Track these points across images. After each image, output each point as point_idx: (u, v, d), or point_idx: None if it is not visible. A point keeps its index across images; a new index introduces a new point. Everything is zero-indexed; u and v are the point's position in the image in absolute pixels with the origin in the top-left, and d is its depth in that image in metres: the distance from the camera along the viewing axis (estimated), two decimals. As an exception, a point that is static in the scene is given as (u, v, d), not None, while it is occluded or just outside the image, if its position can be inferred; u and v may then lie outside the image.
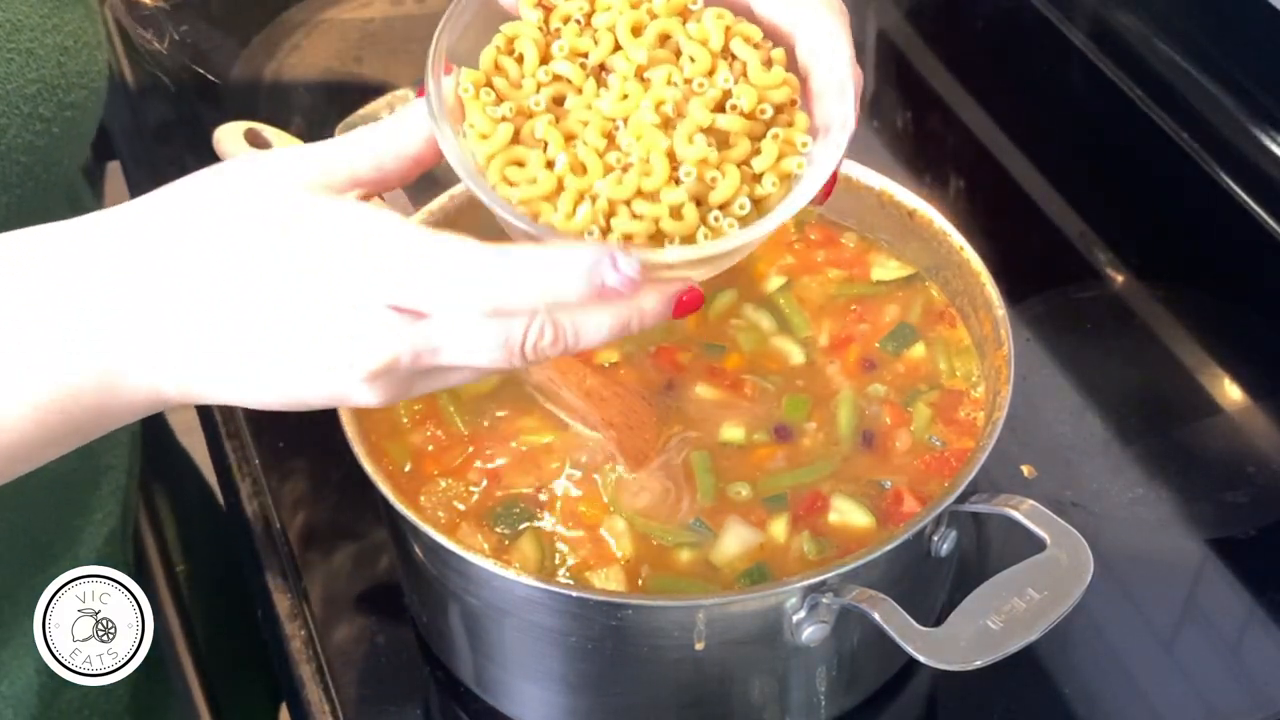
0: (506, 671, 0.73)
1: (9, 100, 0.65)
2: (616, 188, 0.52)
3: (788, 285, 0.82)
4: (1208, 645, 0.79)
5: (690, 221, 0.52)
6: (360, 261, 0.49)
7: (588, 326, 0.51)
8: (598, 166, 0.52)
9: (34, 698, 0.76)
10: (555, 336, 0.51)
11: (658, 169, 0.52)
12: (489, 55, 0.54)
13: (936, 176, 1.08)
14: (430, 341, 0.50)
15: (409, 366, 0.51)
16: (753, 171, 0.53)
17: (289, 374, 0.51)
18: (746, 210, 0.52)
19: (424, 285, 0.49)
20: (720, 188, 0.52)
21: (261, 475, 0.86)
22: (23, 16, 0.66)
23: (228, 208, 0.51)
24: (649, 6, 0.54)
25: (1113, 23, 1.14)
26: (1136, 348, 0.95)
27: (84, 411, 0.52)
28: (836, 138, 0.53)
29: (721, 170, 0.52)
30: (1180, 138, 1.06)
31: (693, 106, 0.53)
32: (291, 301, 0.50)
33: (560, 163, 0.52)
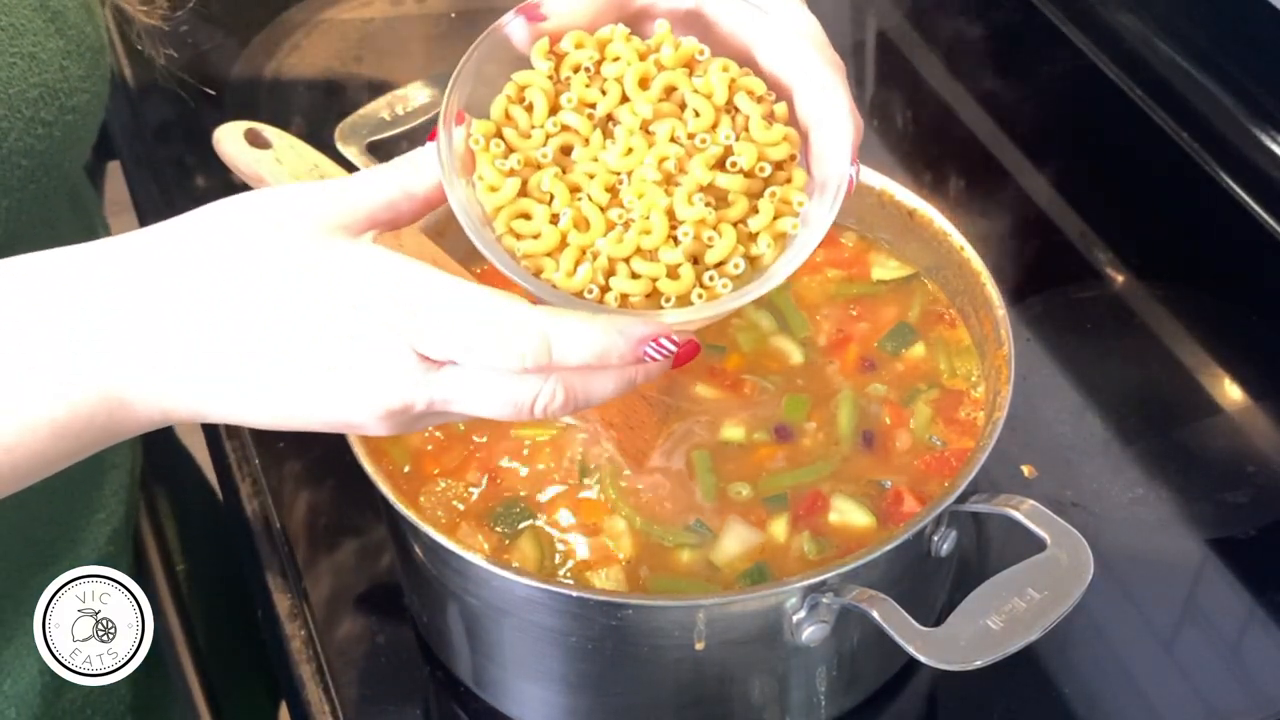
0: (506, 671, 0.73)
1: (11, 104, 0.65)
2: (617, 246, 0.53)
3: (787, 285, 0.82)
4: (1208, 645, 0.79)
5: (686, 282, 0.53)
6: (392, 307, 0.50)
7: (596, 387, 0.53)
8: (600, 223, 0.53)
9: (36, 697, 0.76)
10: (567, 398, 0.52)
11: (657, 228, 0.53)
12: (500, 105, 0.55)
13: (936, 176, 1.08)
14: (448, 391, 0.51)
15: (421, 410, 0.52)
16: (749, 231, 0.54)
17: (303, 404, 0.52)
18: (741, 270, 0.54)
19: (457, 337, 0.50)
20: (717, 248, 0.53)
21: (261, 475, 0.86)
22: (25, 21, 0.66)
23: (252, 242, 0.52)
24: (656, 58, 0.55)
25: (1113, 23, 1.14)
26: (1136, 348, 0.95)
27: (93, 431, 0.53)
28: (831, 197, 0.54)
29: (718, 230, 0.53)
30: (1180, 138, 1.06)
31: (694, 164, 0.54)
32: (316, 338, 0.51)
33: (564, 218, 0.53)
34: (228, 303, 0.51)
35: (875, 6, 1.27)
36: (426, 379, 0.51)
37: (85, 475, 0.80)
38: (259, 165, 0.70)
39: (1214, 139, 1.04)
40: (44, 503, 0.76)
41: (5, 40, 0.65)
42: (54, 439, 0.52)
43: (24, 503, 0.73)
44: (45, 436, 0.52)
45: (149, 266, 0.52)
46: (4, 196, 0.66)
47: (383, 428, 0.53)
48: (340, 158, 0.88)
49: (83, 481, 0.80)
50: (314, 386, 0.51)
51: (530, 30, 0.55)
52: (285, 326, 0.51)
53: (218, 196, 0.54)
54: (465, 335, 0.50)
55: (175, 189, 1.07)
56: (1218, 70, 1.06)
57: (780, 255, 0.55)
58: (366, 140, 0.91)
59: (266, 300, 0.51)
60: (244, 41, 1.20)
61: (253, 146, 0.71)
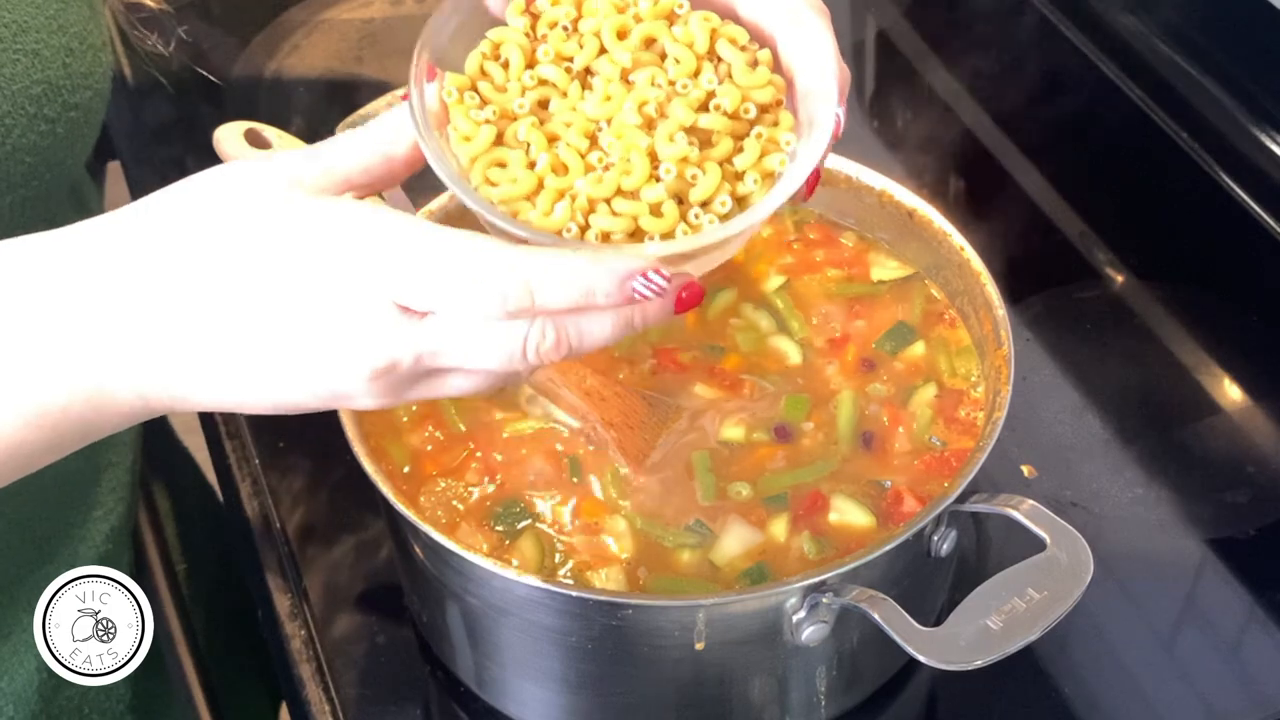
0: (506, 671, 0.73)
1: (14, 100, 0.65)
2: (596, 186, 0.52)
3: (786, 285, 0.82)
4: (1208, 645, 0.79)
5: (670, 219, 0.52)
6: (363, 259, 0.49)
7: (591, 329, 0.51)
8: (578, 166, 0.52)
9: (34, 694, 0.76)
10: (558, 340, 0.50)
11: (638, 167, 0.52)
12: (474, 60, 0.54)
13: (936, 176, 1.08)
14: (433, 342, 0.50)
15: (410, 368, 0.50)
16: (735, 170, 0.53)
17: (287, 375, 0.51)
18: (728, 208, 0.52)
19: (434, 284, 0.49)
20: (700, 185, 0.52)
21: (261, 475, 0.86)
22: (28, 18, 0.66)
23: (220, 213, 0.51)
24: (635, 11, 0.54)
25: (1113, 23, 1.14)
26: (1136, 348, 0.95)
27: (72, 423, 0.52)
28: (820, 135, 0.53)
29: (702, 168, 0.52)
30: (1180, 138, 1.06)
31: (675, 106, 0.53)
32: (290, 300, 0.49)
33: (541, 163, 0.52)
34: (201, 279, 0.50)
35: (875, 6, 1.27)
36: (410, 331, 0.49)
37: (82, 473, 0.80)
38: None
39: (1214, 139, 1.04)
40: (41, 500, 0.76)
41: (9, 36, 0.65)
42: (30, 430, 0.51)
43: (21, 499, 0.73)
44: (20, 428, 0.51)
45: (121, 248, 0.51)
46: (7, 193, 0.66)
47: (374, 393, 0.51)
48: (340, 158, 0.88)
49: (79, 479, 0.80)
50: (295, 356, 0.50)
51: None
52: (260, 297, 0.50)
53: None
54: (442, 281, 0.48)
55: (175, 189, 1.07)
56: (1218, 70, 1.06)
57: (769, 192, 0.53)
58: (366, 140, 0.91)
59: (239, 273, 0.50)
60: (244, 41, 1.20)
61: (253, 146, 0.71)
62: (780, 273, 0.83)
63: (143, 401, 0.52)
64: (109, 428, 0.53)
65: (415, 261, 0.49)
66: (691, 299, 0.52)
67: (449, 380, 0.52)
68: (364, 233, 0.49)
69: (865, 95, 1.20)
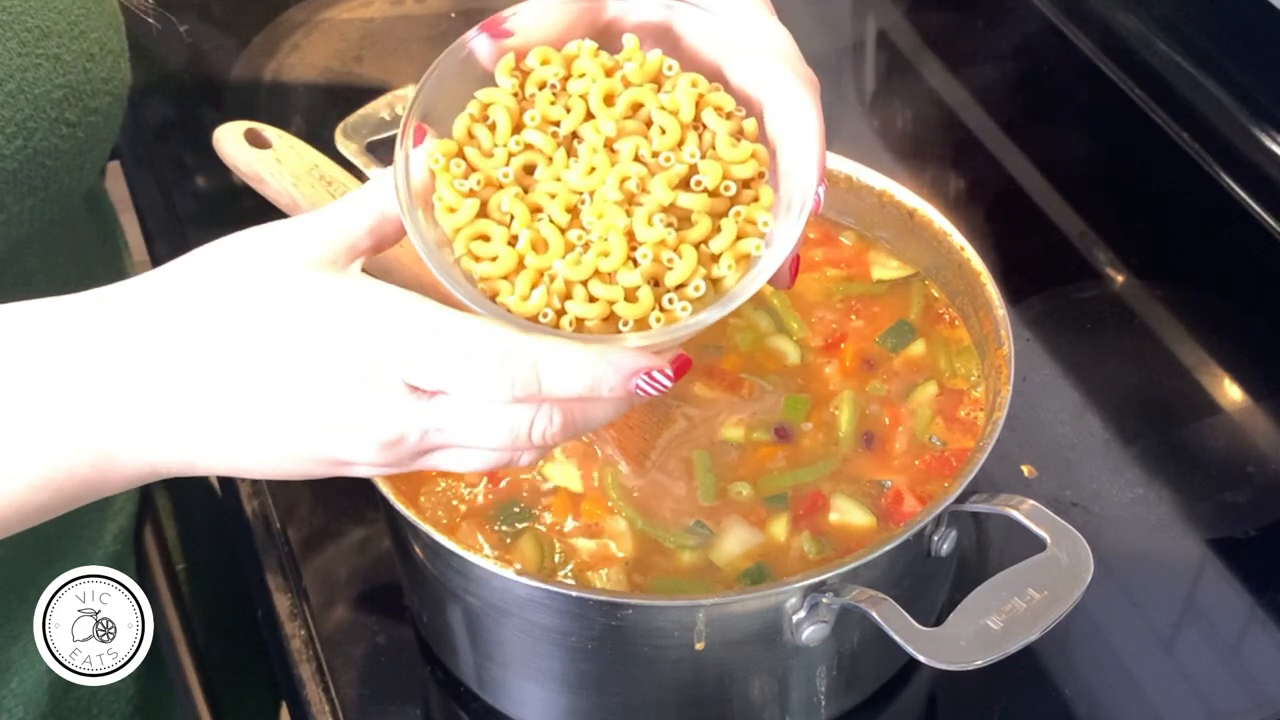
0: (507, 671, 0.73)
1: (37, 104, 0.65)
2: (574, 268, 0.52)
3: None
4: (1208, 645, 0.79)
5: (644, 305, 0.52)
6: (375, 338, 0.50)
7: (593, 414, 0.52)
8: (558, 245, 0.52)
9: (44, 695, 0.76)
10: (564, 424, 0.52)
11: (615, 250, 0.52)
12: (462, 123, 0.54)
13: (936, 176, 1.08)
14: (440, 420, 0.51)
15: (416, 443, 0.51)
16: (711, 252, 0.53)
17: (295, 447, 0.52)
18: (702, 291, 0.53)
19: (444, 367, 0.49)
20: (676, 270, 0.52)
21: (261, 475, 0.86)
22: (50, 23, 0.67)
23: (229, 286, 0.51)
24: (623, 74, 0.54)
25: (1113, 23, 1.14)
26: (1136, 348, 0.95)
27: (76, 486, 0.52)
28: (796, 219, 0.53)
29: (678, 252, 0.52)
30: (1180, 138, 1.06)
31: (656, 183, 0.53)
32: (300, 375, 0.50)
33: (522, 240, 0.52)
34: (211, 352, 0.51)
35: (875, 6, 1.27)
36: (418, 408, 0.50)
37: None
38: (259, 165, 0.70)
39: (1214, 139, 1.04)
40: None
41: (31, 41, 0.65)
42: (34, 492, 0.52)
43: None
44: (25, 491, 0.52)
45: (131, 319, 0.52)
46: (28, 196, 0.66)
47: (378, 464, 0.52)
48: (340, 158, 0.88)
49: None
50: (304, 430, 0.51)
51: (495, 47, 0.54)
52: (271, 372, 0.50)
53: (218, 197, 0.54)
54: (452, 364, 0.49)
55: (175, 189, 1.07)
56: (1218, 70, 1.06)
57: (743, 276, 0.53)
58: (366, 140, 0.91)
59: (251, 347, 0.50)
60: (244, 41, 1.20)
61: (253, 146, 0.71)
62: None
63: (149, 467, 0.53)
64: (112, 490, 0.54)
65: (426, 343, 0.49)
66: (679, 370, 0.53)
67: (453, 455, 0.53)
68: (375, 311, 0.50)
69: (865, 95, 1.20)
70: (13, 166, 0.65)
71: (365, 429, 0.51)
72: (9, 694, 0.76)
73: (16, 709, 0.76)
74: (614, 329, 0.52)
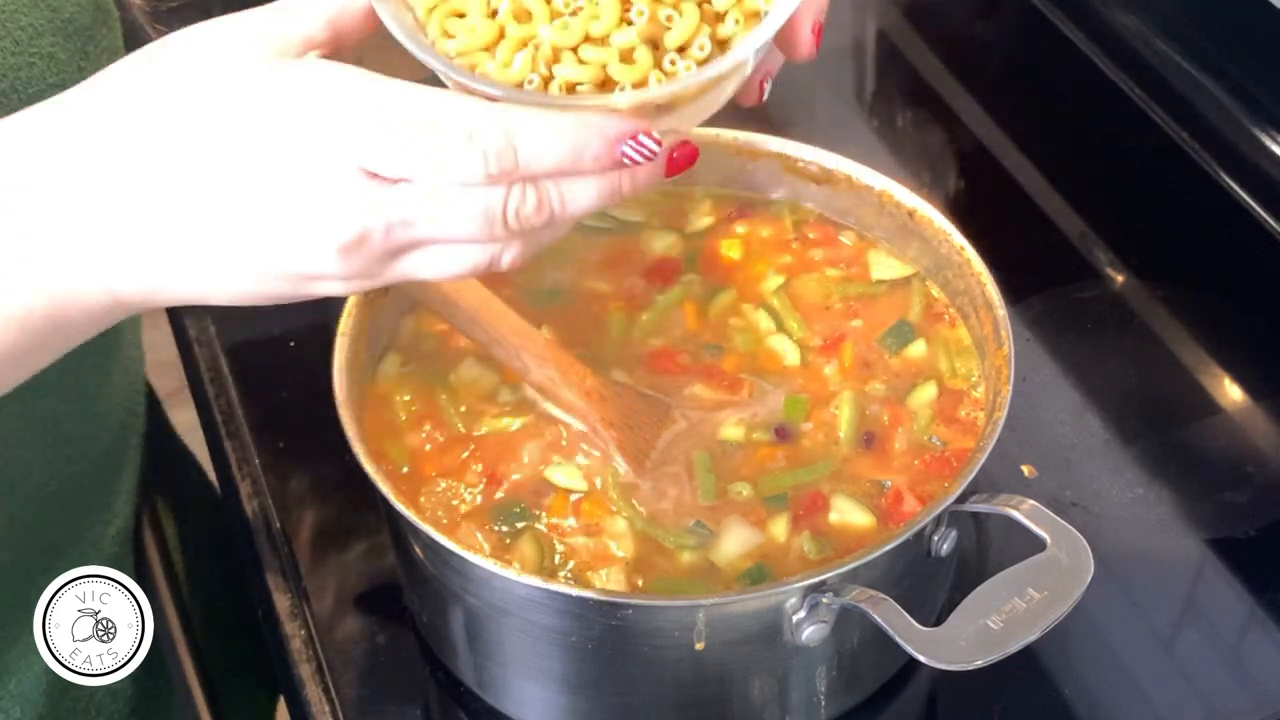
0: (507, 671, 0.73)
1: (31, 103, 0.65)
2: (562, 33, 0.47)
3: (784, 285, 0.82)
4: (1208, 645, 0.79)
5: (643, 66, 0.47)
6: (328, 121, 0.46)
7: (575, 193, 0.48)
8: (543, 12, 0.48)
9: (42, 696, 0.76)
10: (539, 202, 0.47)
11: (607, 10, 0.47)
12: None
13: (936, 176, 1.08)
14: (406, 210, 0.46)
15: (382, 241, 0.47)
16: (714, 10, 0.49)
17: (253, 252, 0.48)
18: (707, 51, 0.48)
19: (406, 146, 0.45)
20: (677, 27, 0.48)
21: (261, 475, 0.86)
22: (44, 21, 0.66)
23: (177, 85, 0.48)
24: None
25: (1113, 23, 1.14)
26: (1136, 348, 0.95)
27: (40, 324, 0.50)
28: None
29: (678, 8, 0.48)
30: (1180, 138, 1.06)
31: None
32: (252, 169, 0.46)
33: (503, 10, 0.48)
34: (158, 155, 0.47)
35: (875, 6, 1.27)
36: (380, 198, 0.46)
37: (93, 476, 0.80)
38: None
39: (1214, 139, 1.04)
40: (52, 504, 0.76)
41: (25, 40, 0.65)
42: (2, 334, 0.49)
43: (33, 503, 0.74)
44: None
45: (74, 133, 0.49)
46: None
47: (345, 272, 0.48)
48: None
49: (91, 482, 0.80)
50: (260, 230, 0.47)
51: None
52: (221, 168, 0.47)
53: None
54: (416, 143, 0.45)
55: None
56: (1218, 70, 1.06)
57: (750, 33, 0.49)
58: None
59: (199, 146, 0.47)
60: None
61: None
62: (779, 272, 0.83)
63: (111, 297, 0.50)
64: (80, 328, 0.51)
65: (385, 122, 0.45)
66: (684, 159, 0.49)
67: (426, 256, 0.49)
68: (328, 93, 0.46)
69: (865, 95, 1.20)
70: None
71: (324, 226, 0.46)
72: (6, 695, 0.76)
73: (14, 710, 0.76)
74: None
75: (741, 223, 0.85)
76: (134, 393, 0.84)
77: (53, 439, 0.74)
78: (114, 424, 0.81)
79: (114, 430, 0.81)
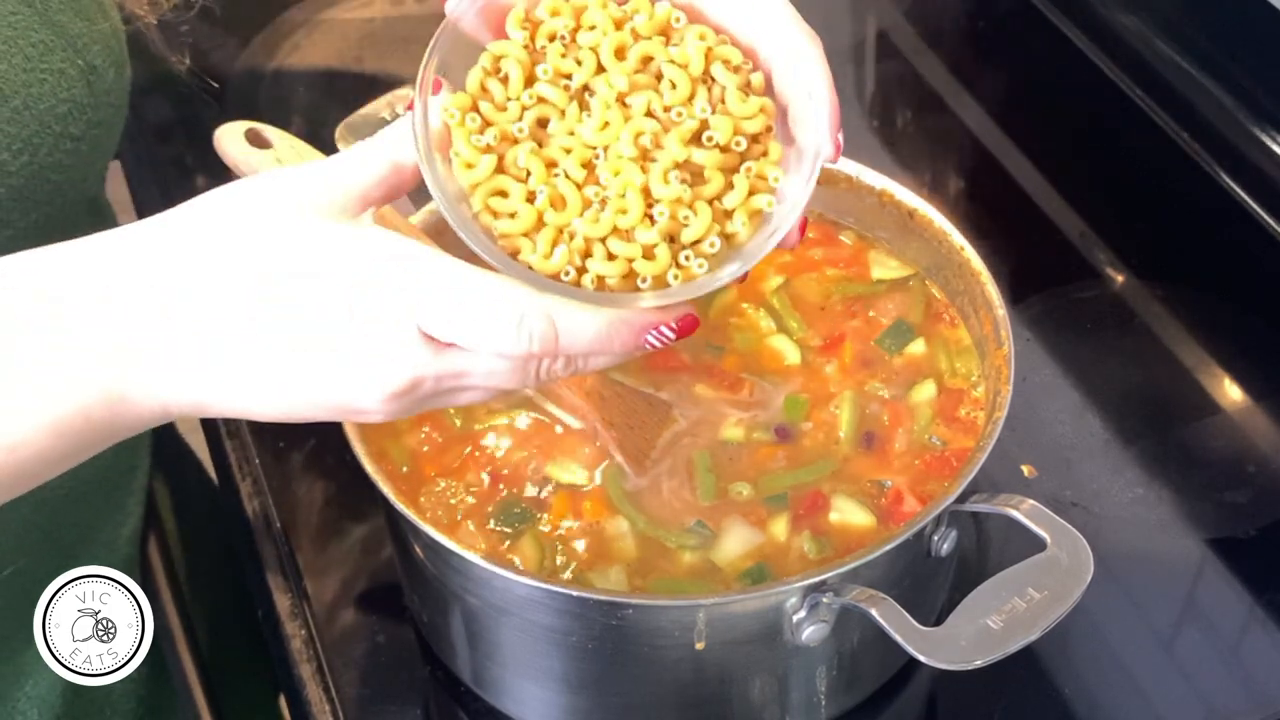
0: (507, 671, 0.73)
1: (41, 120, 0.65)
2: (593, 226, 0.53)
3: (784, 285, 0.82)
4: (1208, 645, 0.79)
5: (662, 262, 0.53)
6: (393, 284, 0.50)
7: (594, 360, 0.54)
8: (576, 202, 0.53)
9: (58, 698, 0.77)
10: (567, 366, 0.53)
11: (633, 208, 0.53)
12: (476, 77, 0.54)
13: (936, 176, 1.08)
14: (457, 367, 0.52)
15: (430, 389, 0.52)
16: (724, 208, 0.54)
17: (306, 388, 0.52)
18: (717, 248, 0.54)
19: (464, 320, 0.50)
20: (692, 227, 0.53)
21: (261, 475, 0.86)
22: (53, 39, 0.67)
23: (243, 228, 0.51)
24: (633, 26, 0.54)
25: (1113, 23, 1.14)
26: (1136, 348, 0.95)
27: (93, 429, 0.53)
28: (808, 172, 0.54)
29: (693, 209, 0.53)
30: (1180, 138, 1.06)
31: (669, 139, 0.53)
32: (321, 315, 0.50)
33: (541, 196, 0.53)
34: (225, 292, 0.51)
35: (875, 6, 1.27)
36: (434, 357, 0.51)
37: (106, 478, 0.81)
38: (260, 165, 0.70)
39: (1214, 139, 1.04)
40: (66, 506, 0.76)
41: (35, 56, 0.65)
42: (56, 438, 0.52)
43: (48, 507, 0.74)
44: (47, 436, 0.52)
45: (145, 259, 0.52)
46: (33, 210, 0.66)
47: (388, 409, 0.53)
48: (340, 158, 0.88)
49: (107, 484, 0.81)
50: (317, 370, 0.51)
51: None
52: (285, 311, 0.51)
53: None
54: (474, 319, 0.50)
55: (175, 189, 1.07)
56: (1218, 70, 1.06)
57: (756, 233, 0.54)
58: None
59: (266, 287, 0.51)
60: (244, 41, 1.20)
61: (253, 146, 0.71)
62: (779, 272, 0.83)
63: (161, 406, 0.53)
64: (125, 433, 0.54)
65: (445, 295, 0.50)
66: (685, 328, 0.54)
67: (461, 397, 0.54)
68: (393, 258, 0.51)
69: (865, 95, 1.20)
70: (18, 182, 0.65)
71: (379, 375, 0.51)
72: (24, 697, 0.76)
73: (30, 712, 0.76)
74: (633, 286, 0.53)
75: (741, 223, 0.85)
76: None
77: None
78: None
79: None
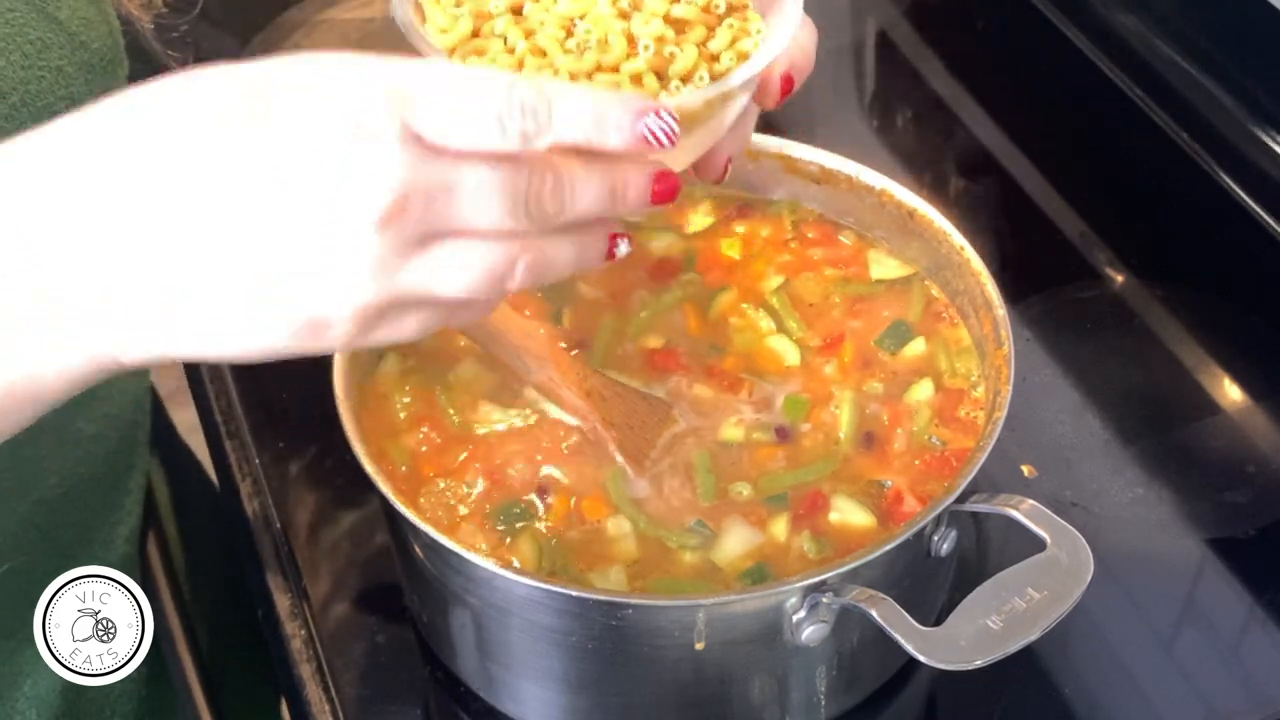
0: (507, 671, 0.73)
1: (39, 119, 0.65)
2: (576, 63, 0.52)
3: (784, 285, 0.82)
4: (1208, 645, 0.79)
5: (650, 89, 0.53)
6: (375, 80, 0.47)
7: (583, 187, 0.50)
8: (557, 50, 0.53)
9: (58, 698, 0.77)
10: (555, 185, 0.49)
11: (616, 45, 0.53)
12: None
13: (936, 176, 1.08)
14: (445, 176, 0.47)
15: (420, 211, 0.47)
16: (710, 52, 0.55)
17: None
18: (706, 82, 0.54)
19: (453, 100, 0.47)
20: (680, 60, 0.53)
21: (261, 475, 0.86)
22: (51, 36, 0.67)
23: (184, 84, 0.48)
24: None
25: (1113, 23, 1.14)
26: (1136, 348, 0.95)
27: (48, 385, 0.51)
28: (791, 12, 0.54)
29: (679, 45, 0.54)
30: (1180, 138, 1.06)
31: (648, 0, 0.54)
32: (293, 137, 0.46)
33: (520, 49, 0.53)
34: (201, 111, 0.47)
35: (875, 6, 1.27)
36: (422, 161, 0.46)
37: (107, 477, 0.81)
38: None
39: (1214, 139, 1.04)
40: (68, 506, 0.76)
41: (33, 54, 0.65)
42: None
43: (47, 507, 0.74)
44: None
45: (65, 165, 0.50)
46: None
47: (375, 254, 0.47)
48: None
49: (104, 483, 0.80)
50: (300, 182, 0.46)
51: None
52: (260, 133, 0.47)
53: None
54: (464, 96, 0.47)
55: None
56: (1218, 70, 1.06)
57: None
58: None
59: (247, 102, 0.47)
60: (244, 41, 1.20)
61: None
62: (779, 272, 0.83)
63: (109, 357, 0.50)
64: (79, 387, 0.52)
65: (433, 80, 0.47)
66: (666, 191, 0.51)
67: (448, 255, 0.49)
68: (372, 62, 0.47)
69: (865, 95, 1.20)
70: None
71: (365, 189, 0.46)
72: (22, 697, 0.76)
73: (29, 712, 0.76)
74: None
75: (741, 222, 0.85)
76: (142, 392, 0.85)
77: (64, 441, 0.74)
78: (124, 423, 0.81)
79: (124, 430, 0.81)
